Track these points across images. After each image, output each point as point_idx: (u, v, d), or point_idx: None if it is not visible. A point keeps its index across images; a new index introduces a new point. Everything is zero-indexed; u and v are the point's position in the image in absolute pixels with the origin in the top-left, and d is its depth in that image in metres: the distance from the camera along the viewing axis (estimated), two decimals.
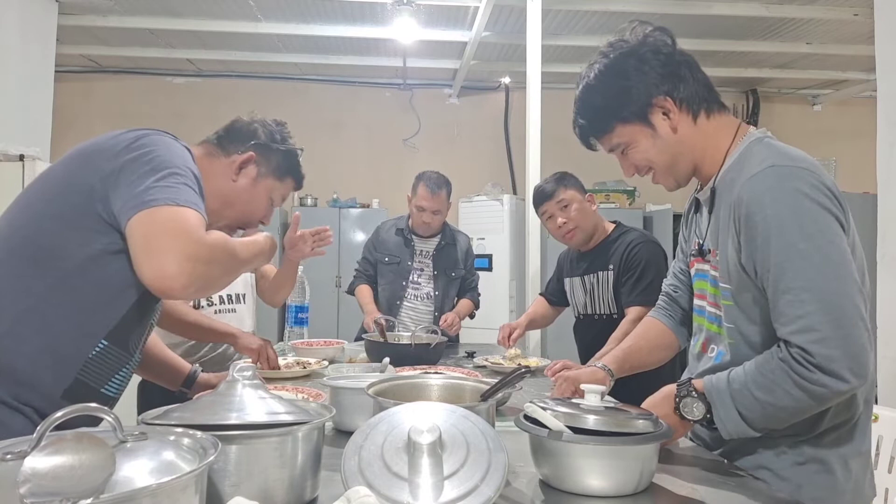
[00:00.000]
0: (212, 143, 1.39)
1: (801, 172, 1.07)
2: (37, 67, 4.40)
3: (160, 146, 1.12)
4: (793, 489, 1.12)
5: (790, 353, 1.04)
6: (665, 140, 1.21)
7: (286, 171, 1.46)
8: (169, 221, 1.02)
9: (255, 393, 0.92)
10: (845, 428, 1.16)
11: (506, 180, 6.36)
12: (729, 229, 1.15)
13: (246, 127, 1.41)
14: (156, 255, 1.00)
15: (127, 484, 0.63)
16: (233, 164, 1.37)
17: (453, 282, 3.05)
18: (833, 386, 1.01)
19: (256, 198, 1.41)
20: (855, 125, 6.30)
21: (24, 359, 1.06)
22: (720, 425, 1.12)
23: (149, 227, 1.02)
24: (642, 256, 2.21)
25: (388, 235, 3.07)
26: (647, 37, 1.22)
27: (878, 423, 1.77)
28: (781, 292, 1.05)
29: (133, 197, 1.04)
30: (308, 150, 1.54)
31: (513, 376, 1.12)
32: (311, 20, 5.00)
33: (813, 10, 4.63)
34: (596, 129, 1.26)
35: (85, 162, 1.12)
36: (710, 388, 1.13)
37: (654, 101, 1.19)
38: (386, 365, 1.73)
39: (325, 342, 2.55)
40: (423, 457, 0.82)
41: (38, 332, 1.06)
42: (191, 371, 1.64)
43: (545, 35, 4.26)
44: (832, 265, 1.03)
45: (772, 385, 1.06)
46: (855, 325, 1.01)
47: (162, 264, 0.99)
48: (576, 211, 2.33)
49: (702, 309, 1.31)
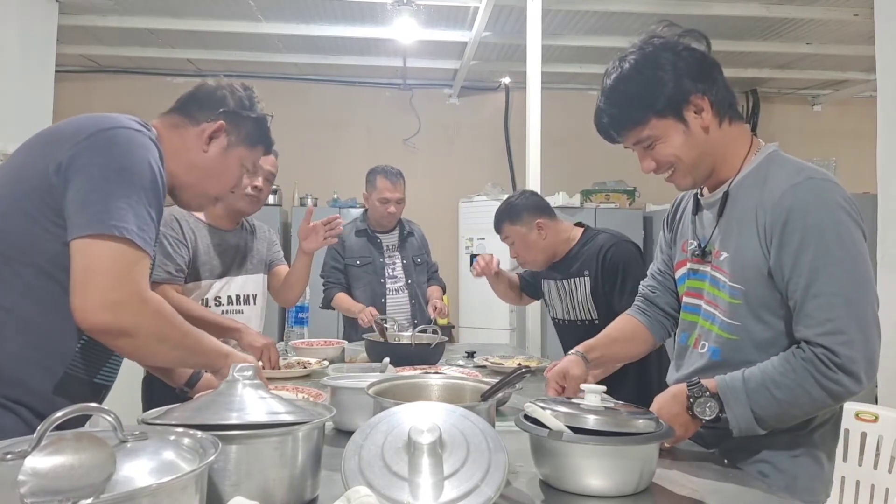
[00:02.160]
0: (177, 113, 1.31)
1: (836, 187, 1.14)
2: (37, 67, 4.40)
3: (121, 145, 1.08)
4: (789, 480, 1.18)
5: (815, 353, 1.09)
6: (696, 138, 1.22)
7: (257, 138, 1.39)
8: (108, 259, 1.00)
9: (256, 393, 0.92)
10: (829, 423, 1.25)
11: (506, 180, 6.36)
12: (752, 232, 1.18)
13: (213, 93, 1.33)
14: (84, 293, 0.99)
15: (127, 484, 0.63)
16: (202, 133, 1.29)
17: (420, 268, 3.15)
18: (850, 386, 1.08)
19: (229, 168, 1.34)
20: (855, 125, 6.30)
21: (10, 359, 1.05)
22: (733, 423, 1.15)
23: (86, 261, 1.00)
24: (618, 260, 2.17)
25: (351, 240, 3.09)
26: (682, 36, 1.24)
27: (879, 423, 1.77)
28: (812, 296, 1.10)
29: (83, 210, 1.01)
30: (308, 149, 1.54)
31: (513, 376, 1.12)
32: (311, 20, 5.00)
33: (813, 10, 4.63)
34: (628, 119, 1.24)
35: (42, 151, 1.08)
36: (724, 388, 1.15)
37: (690, 98, 1.20)
38: (386, 365, 1.73)
39: (325, 342, 2.56)
40: (423, 457, 0.82)
41: (20, 331, 1.05)
42: (195, 371, 1.64)
43: (545, 35, 4.26)
44: (862, 275, 1.10)
45: (793, 384, 1.10)
46: (874, 332, 1.09)
47: (87, 304, 0.99)
48: (519, 246, 2.35)
49: (696, 307, 1.33)
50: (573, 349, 1.54)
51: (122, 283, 1.01)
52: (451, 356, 2.51)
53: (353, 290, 3.02)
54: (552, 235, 2.34)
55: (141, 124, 1.16)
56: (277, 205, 5.76)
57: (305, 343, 2.50)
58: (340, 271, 3.06)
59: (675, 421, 1.16)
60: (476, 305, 5.61)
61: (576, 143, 5.37)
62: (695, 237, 1.34)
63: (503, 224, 2.40)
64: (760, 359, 1.17)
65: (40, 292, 1.06)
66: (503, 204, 2.44)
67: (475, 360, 2.38)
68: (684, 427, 1.18)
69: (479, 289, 4.59)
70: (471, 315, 5.72)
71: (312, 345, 2.48)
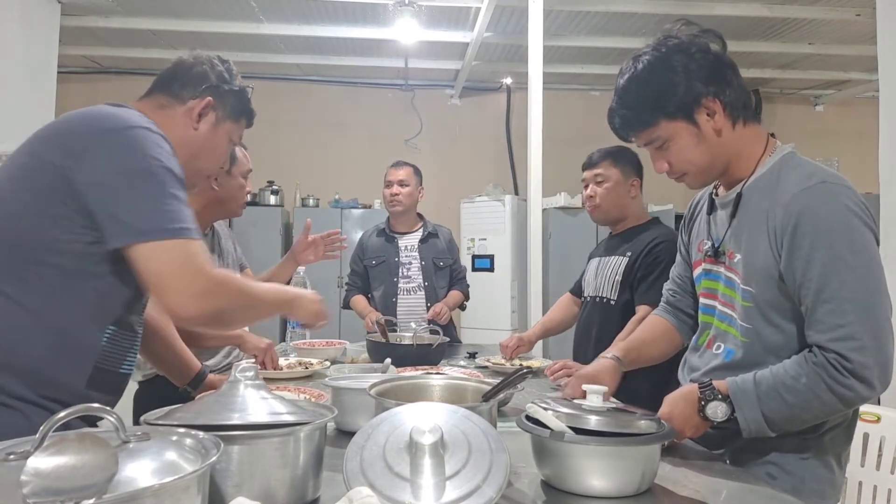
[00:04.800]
0: (160, 93, 1.30)
1: (849, 191, 1.13)
2: (39, 68, 4.41)
3: (144, 145, 1.09)
4: (796, 482, 1.18)
5: (826, 358, 1.08)
6: (708, 141, 1.22)
7: (240, 111, 1.39)
8: (178, 259, 1.06)
9: (258, 393, 0.92)
10: (841, 427, 1.24)
11: (507, 181, 6.36)
12: (763, 235, 1.17)
13: (194, 69, 1.32)
14: (171, 294, 1.06)
15: (129, 484, 0.63)
16: (191, 111, 1.28)
17: (441, 271, 3.12)
18: (862, 392, 1.08)
19: (219, 143, 1.35)
20: (857, 125, 6.29)
21: (41, 360, 1.08)
22: (743, 425, 1.14)
23: (159, 266, 1.05)
24: (664, 257, 2.08)
25: (371, 241, 3.17)
26: (697, 36, 1.22)
27: (881, 423, 1.77)
28: (823, 301, 1.09)
29: (134, 216, 1.05)
30: (310, 150, 1.55)
31: (514, 377, 1.12)
32: (312, 21, 5.00)
33: (815, 10, 4.63)
34: (638, 120, 1.24)
35: (52, 151, 1.08)
36: (735, 391, 1.15)
37: (701, 101, 1.19)
38: (387, 365, 1.73)
39: (326, 343, 2.56)
40: (424, 457, 0.82)
41: (48, 331, 1.08)
42: (200, 371, 1.65)
43: (547, 36, 4.26)
44: (874, 280, 1.09)
45: (804, 389, 1.10)
46: (888, 338, 1.08)
47: (177, 302, 1.06)
48: (606, 189, 2.23)
49: (711, 308, 1.33)
50: (608, 352, 1.51)
51: (199, 275, 1.07)
52: (451, 353, 2.51)
53: (372, 291, 3.09)
54: (634, 202, 2.28)
55: (141, 116, 1.17)
56: (279, 205, 5.76)
57: (307, 344, 2.50)
58: (359, 274, 3.13)
59: (686, 423, 1.16)
60: (477, 306, 5.61)
61: (578, 143, 5.35)
62: (709, 237, 1.34)
63: (604, 162, 2.24)
64: (773, 362, 1.17)
65: (65, 292, 1.08)
66: (616, 147, 2.21)
67: (476, 360, 2.38)
68: (694, 428, 1.18)
69: (481, 290, 4.60)
70: (472, 316, 5.72)
71: (314, 345, 2.48)
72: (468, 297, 3.19)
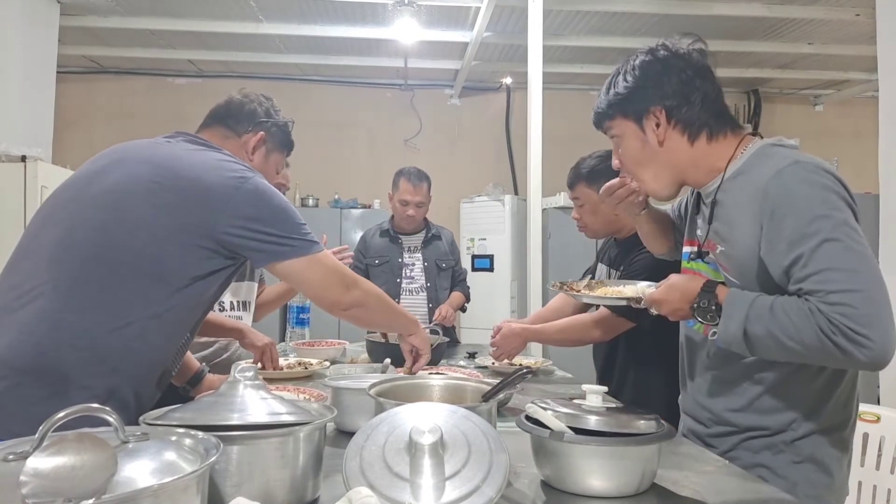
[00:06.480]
0: (220, 126, 1.45)
1: (823, 172, 1.12)
2: (38, 68, 4.41)
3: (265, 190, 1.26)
4: (789, 487, 1.15)
5: (828, 318, 1.03)
6: (650, 149, 1.27)
7: (285, 143, 1.56)
8: (333, 267, 1.32)
9: (257, 393, 0.92)
10: (844, 430, 1.22)
11: (507, 181, 6.36)
12: (743, 222, 1.17)
13: (245, 107, 1.48)
14: (329, 293, 1.32)
15: (129, 484, 0.63)
16: (246, 144, 1.45)
17: (444, 272, 3.13)
18: (855, 353, 1.01)
19: (269, 173, 1.49)
20: (856, 125, 6.30)
21: (144, 363, 1.19)
22: (722, 331, 1.13)
23: (312, 274, 1.28)
24: (641, 268, 1.98)
25: (374, 239, 3.15)
26: (686, 53, 1.26)
27: (881, 423, 1.77)
28: (808, 275, 1.05)
29: (278, 242, 1.23)
30: (309, 150, 1.59)
31: (514, 377, 1.12)
32: (312, 21, 5.00)
33: (814, 10, 4.63)
34: (605, 112, 1.33)
35: (198, 200, 1.20)
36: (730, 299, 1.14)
37: (650, 109, 1.24)
38: (387, 365, 1.73)
39: (326, 343, 2.56)
40: (424, 457, 0.82)
41: (158, 333, 1.20)
42: (198, 370, 1.66)
43: (546, 35, 4.26)
44: (861, 251, 1.06)
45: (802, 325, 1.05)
46: (884, 302, 1.04)
47: (339, 300, 1.33)
48: (588, 211, 2.15)
49: None
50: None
51: (341, 275, 1.33)
52: (451, 354, 2.51)
53: None
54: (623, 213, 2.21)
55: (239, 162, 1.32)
56: None
57: (306, 344, 2.50)
58: (360, 272, 3.07)
59: (673, 314, 1.22)
60: (477, 306, 5.60)
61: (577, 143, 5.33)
62: (695, 237, 1.35)
63: (578, 184, 2.19)
64: None
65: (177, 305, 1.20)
66: (581, 166, 2.19)
67: (476, 360, 2.38)
68: (678, 316, 1.23)
69: (481, 289, 4.59)
70: (472, 316, 5.72)
71: (313, 345, 2.48)
72: (469, 299, 3.19)
